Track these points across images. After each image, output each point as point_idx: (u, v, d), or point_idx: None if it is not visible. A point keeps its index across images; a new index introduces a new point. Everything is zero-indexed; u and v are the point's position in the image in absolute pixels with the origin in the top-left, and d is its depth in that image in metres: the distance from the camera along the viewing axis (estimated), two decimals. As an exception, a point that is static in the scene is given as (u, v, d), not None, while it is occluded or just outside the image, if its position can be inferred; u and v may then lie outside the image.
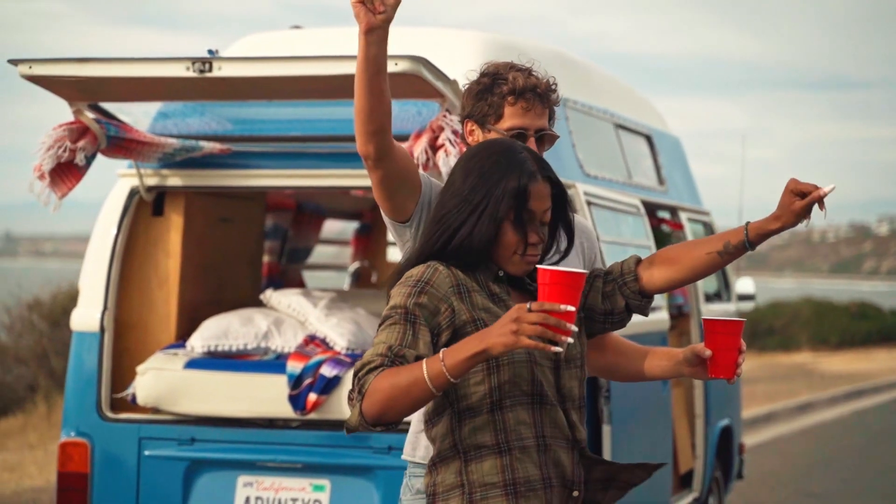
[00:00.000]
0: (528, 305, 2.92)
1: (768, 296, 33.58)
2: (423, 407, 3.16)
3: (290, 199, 7.44)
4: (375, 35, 3.28)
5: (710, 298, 8.39)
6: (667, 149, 8.24)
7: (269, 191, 6.33)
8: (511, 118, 3.68)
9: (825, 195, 3.22)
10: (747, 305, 8.86)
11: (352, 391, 3.05)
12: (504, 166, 3.20)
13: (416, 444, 3.76)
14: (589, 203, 6.08)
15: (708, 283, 8.64)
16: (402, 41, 6.16)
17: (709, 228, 8.66)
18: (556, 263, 3.28)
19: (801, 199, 3.23)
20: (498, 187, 3.17)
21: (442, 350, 2.98)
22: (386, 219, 3.68)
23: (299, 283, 7.66)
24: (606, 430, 5.87)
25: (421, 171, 3.68)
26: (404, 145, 5.38)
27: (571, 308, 2.94)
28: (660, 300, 8.27)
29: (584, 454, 3.26)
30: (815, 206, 3.24)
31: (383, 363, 3.02)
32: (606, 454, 5.87)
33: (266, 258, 7.10)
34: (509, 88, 3.69)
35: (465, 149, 3.97)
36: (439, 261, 3.19)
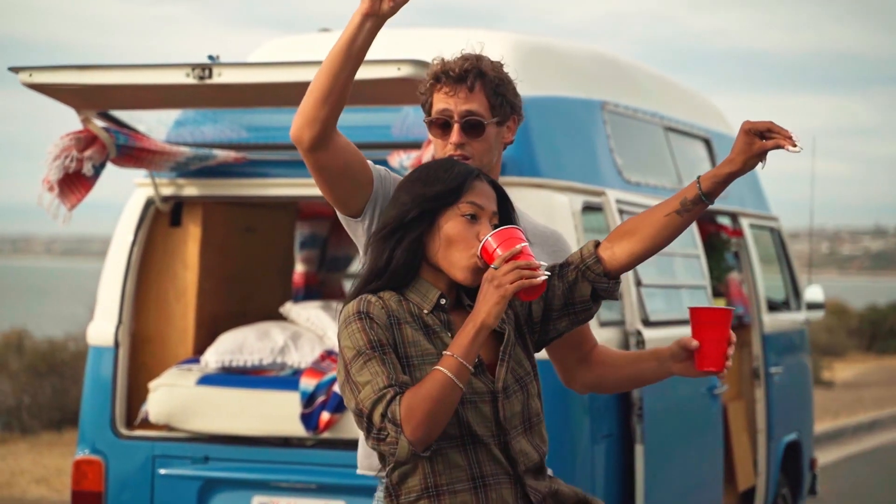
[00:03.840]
0: (492, 265, 2.93)
1: (892, 297, 32.60)
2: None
3: (328, 207, 7.24)
4: (372, 22, 3.11)
5: (775, 308, 8.05)
6: (728, 152, 7.90)
7: (286, 200, 6.15)
8: (436, 105, 3.43)
9: (786, 147, 3.02)
10: (817, 314, 8.49)
11: (380, 431, 2.93)
12: (442, 169, 3.10)
13: (371, 455, 3.54)
14: (621, 212, 5.80)
15: (775, 292, 8.29)
16: (427, 43, 5.94)
17: (776, 235, 8.32)
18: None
19: (761, 140, 3.03)
20: (429, 189, 3.06)
21: (444, 351, 2.94)
22: (336, 211, 3.46)
23: (339, 293, 7.46)
24: (639, 449, 5.60)
25: (378, 166, 3.43)
26: (417, 153, 5.16)
27: (523, 244, 2.96)
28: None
29: (527, 484, 3.06)
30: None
31: (395, 392, 2.93)
32: (639, 474, 5.60)
33: (302, 268, 6.91)
34: (430, 73, 3.45)
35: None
36: (374, 289, 3.06)
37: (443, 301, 3.07)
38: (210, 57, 5.04)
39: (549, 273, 2.96)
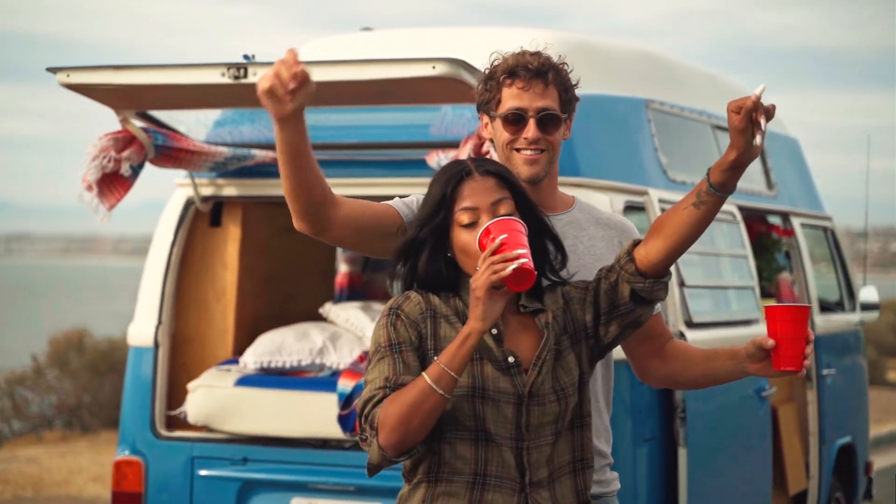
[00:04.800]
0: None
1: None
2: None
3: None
4: (288, 123, 3.09)
5: (828, 309, 7.92)
6: (780, 151, 7.79)
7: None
8: (508, 100, 3.39)
9: (757, 98, 2.91)
10: (871, 315, 8.34)
11: (362, 432, 2.98)
12: (437, 180, 3.07)
13: None
14: (665, 211, 5.72)
15: (829, 292, 8.17)
16: (465, 41, 5.89)
17: (830, 234, 8.19)
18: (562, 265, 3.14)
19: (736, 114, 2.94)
20: (423, 211, 3.08)
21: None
22: None
23: (384, 294, 7.43)
24: (682, 452, 5.52)
25: (406, 199, 3.38)
26: (454, 152, 5.11)
27: (502, 237, 2.91)
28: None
29: (530, 496, 3.01)
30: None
31: (385, 394, 2.95)
32: (682, 477, 5.52)
33: (346, 268, 6.88)
34: (503, 68, 3.41)
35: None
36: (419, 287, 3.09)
37: None
38: (245, 56, 5.00)
39: (523, 260, 2.86)
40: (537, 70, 3.37)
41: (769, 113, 2.93)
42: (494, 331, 3.03)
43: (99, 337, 18.89)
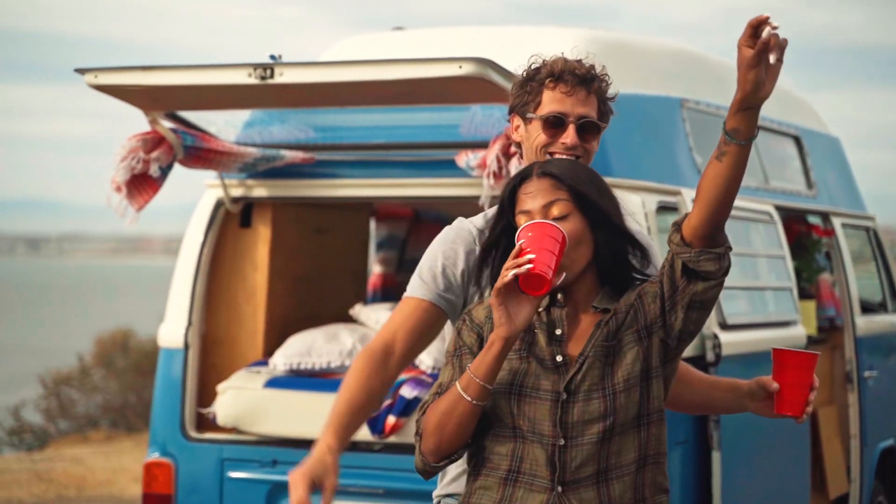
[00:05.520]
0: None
1: None
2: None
3: (406, 208, 7.18)
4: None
5: (871, 309, 7.81)
6: (820, 150, 7.69)
7: (356, 201, 6.07)
8: (550, 103, 3.35)
9: (764, 21, 2.76)
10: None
11: (415, 435, 3.07)
12: (506, 184, 3.11)
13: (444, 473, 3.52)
14: (698, 212, 5.64)
15: (872, 292, 8.06)
16: (497, 41, 5.85)
17: (872, 234, 8.08)
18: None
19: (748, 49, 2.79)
20: (499, 203, 3.10)
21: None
22: None
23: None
24: (716, 456, 5.44)
25: (438, 289, 3.32)
26: (483, 153, 5.07)
27: (520, 242, 2.92)
28: None
29: (561, 494, 2.96)
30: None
31: (433, 401, 3.02)
32: (716, 481, 5.45)
33: (380, 269, 6.85)
34: (547, 71, 3.37)
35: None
36: None
37: (558, 297, 3.03)
38: (272, 56, 4.98)
39: (528, 265, 2.84)
40: (583, 77, 3.36)
41: (781, 48, 2.79)
42: (559, 331, 3.00)
43: (144, 337, 18.97)
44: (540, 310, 3.03)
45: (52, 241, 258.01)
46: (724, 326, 5.61)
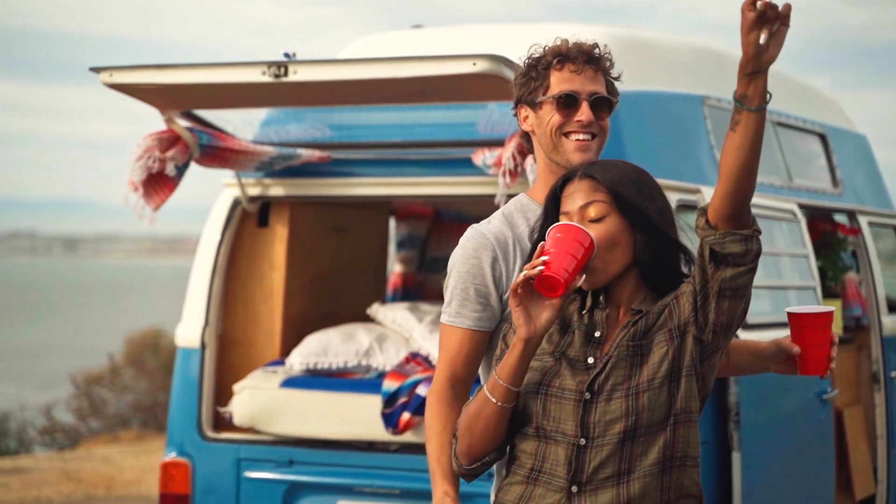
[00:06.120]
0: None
1: None
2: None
3: (427, 207, 7.15)
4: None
5: (897, 308, 7.72)
6: (847, 148, 7.61)
7: (374, 200, 6.04)
8: (559, 84, 3.33)
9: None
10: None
11: (452, 437, 3.15)
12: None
13: None
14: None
15: (898, 292, 7.97)
16: (515, 38, 5.79)
17: (900, 234, 7.99)
18: None
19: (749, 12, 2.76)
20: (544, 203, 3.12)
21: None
22: None
23: (438, 294, 7.36)
24: (736, 457, 5.38)
25: (482, 311, 3.30)
26: (499, 151, 5.03)
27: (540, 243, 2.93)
28: None
29: (582, 499, 2.93)
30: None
31: None
32: (737, 482, 5.39)
33: (400, 268, 6.82)
34: (554, 52, 3.36)
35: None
36: None
37: (600, 299, 3.03)
38: (286, 54, 4.95)
39: (540, 268, 2.84)
40: (590, 55, 3.36)
41: (783, 16, 2.76)
42: (598, 333, 2.98)
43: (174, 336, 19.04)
44: (583, 311, 3.02)
45: (88, 242, 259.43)
46: (746, 326, 5.54)
